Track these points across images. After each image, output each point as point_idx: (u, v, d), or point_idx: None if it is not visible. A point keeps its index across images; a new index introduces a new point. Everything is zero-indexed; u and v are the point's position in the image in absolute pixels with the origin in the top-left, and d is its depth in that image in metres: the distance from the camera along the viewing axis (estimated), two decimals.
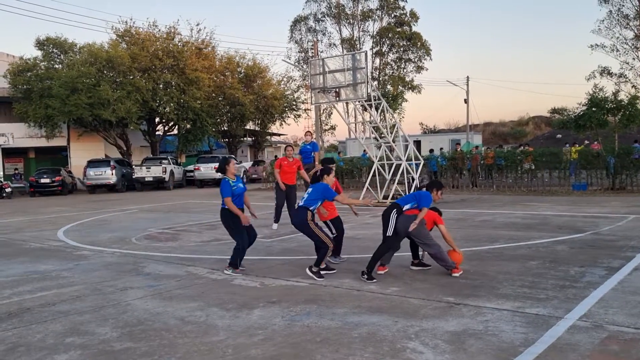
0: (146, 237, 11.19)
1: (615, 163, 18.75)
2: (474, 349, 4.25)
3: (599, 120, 22.07)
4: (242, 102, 36.37)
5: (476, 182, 22.29)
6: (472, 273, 6.84)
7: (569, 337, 4.45)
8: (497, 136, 59.76)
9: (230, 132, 40.45)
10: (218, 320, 5.23)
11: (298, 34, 51.93)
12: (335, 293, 6.13)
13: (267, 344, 4.51)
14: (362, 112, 18.22)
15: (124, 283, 6.94)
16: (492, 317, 5.02)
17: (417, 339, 4.49)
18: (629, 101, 22.71)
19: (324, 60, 16.54)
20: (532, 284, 6.23)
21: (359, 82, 15.44)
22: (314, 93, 16.74)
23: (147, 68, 31.86)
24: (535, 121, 64.07)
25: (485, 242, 9.12)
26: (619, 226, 10.56)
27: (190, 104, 32.54)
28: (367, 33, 51.45)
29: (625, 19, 47.66)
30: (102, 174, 28.16)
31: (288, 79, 43.42)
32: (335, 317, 5.20)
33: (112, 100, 28.89)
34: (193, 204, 19.20)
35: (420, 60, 50.69)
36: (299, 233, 10.88)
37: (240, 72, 39.29)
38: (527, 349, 4.19)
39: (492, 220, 12.07)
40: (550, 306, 5.31)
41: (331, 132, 53.82)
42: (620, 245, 8.46)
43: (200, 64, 33.42)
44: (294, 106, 42.70)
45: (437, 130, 62.72)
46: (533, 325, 4.74)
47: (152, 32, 33.60)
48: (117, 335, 4.85)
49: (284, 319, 5.18)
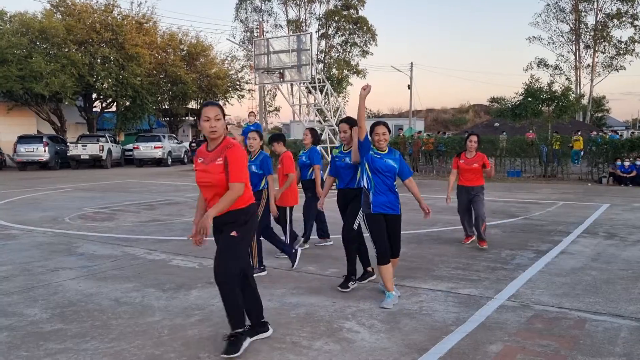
0: (81, 216, 10.83)
1: (547, 152, 19.57)
2: (408, 328, 4.37)
3: (534, 110, 22.93)
4: (185, 80, 35.56)
5: (417, 167, 22.76)
6: (410, 255, 7.01)
7: (497, 316, 4.64)
8: (439, 123, 61.16)
9: (172, 110, 39.52)
10: (154, 301, 5.14)
11: (244, 13, 51.15)
12: (274, 274, 6.14)
13: (204, 324, 4.48)
14: (306, 94, 18.20)
15: (55, 263, 6.69)
16: (426, 298, 5.17)
17: (354, 319, 4.57)
18: (563, 92, 23.68)
19: (268, 40, 16.38)
20: (466, 266, 6.45)
21: (304, 64, 15.41)
22: (258, 73, 16.58)
23: (84, 41, 30.56)
24: (475, 109, 65.94)
25: (424, 226, 9.35)
26: (549, 212, 11.06)
27: (129, 81, 31.49)
28: (314, 15, 51.28)
29: (562, 13, 49.57)
30: (33, 150, 26.92)
31: (232, 59, 42.81)
32: (274, 297, 5.21)
33: (45, 74, 27.53)
34: (131, 184, 18.69)
35: (366, 45, 50.98)
36: None
37: (183, 50, 38.35)
38: (458, 327, 4.35)
39: (431, 204, 12.25)
40: (482, 287, 5.52)
41: (275, 113, 53.53)
42: (549, 230, 8.87)
43: (141, 39, 32.35)
44: (238, 86, 42.13)
45: (380, 115, 63.48)
46: (465, 305, 4.92)
47: (89, 3, 32.19)
48: (47, 317, 4.69)
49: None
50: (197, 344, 4.08)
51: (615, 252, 7.15)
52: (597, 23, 48.38)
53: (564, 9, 49.36)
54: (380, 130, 4.98)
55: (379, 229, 4.90)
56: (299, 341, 4.12)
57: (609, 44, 48.44)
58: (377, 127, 4.99)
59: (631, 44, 47.44)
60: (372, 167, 4.93)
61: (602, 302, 5.00)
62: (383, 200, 4.95)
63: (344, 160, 5.54)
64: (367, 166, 4.95)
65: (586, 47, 49.66)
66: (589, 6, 48.81)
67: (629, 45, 47.53)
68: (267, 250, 6.88)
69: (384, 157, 4.97)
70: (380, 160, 4.94)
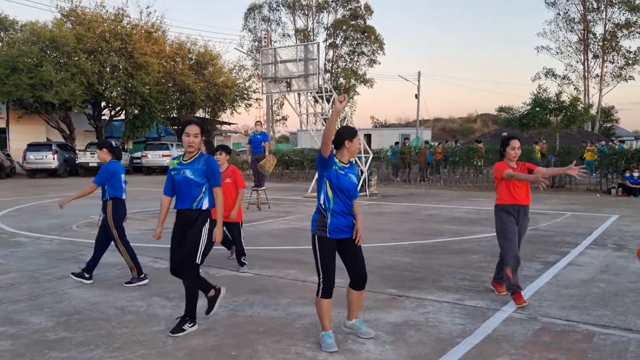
0: (87, 224, 10.86)
1: (555, 162, 19.47)
2: (413, 339, 4.33)
3: (542, 120, 22.82)
4: (193, 89, 35.67)
5: (424, 177, 22.69)
6: (416, 266, 6.97)
7: (504, 328, 4.59)
8: (447, 132, 61.04)
9: (180, 119, 39.58)
10: (159, 309, 5.13)
11: (252, 23, 51.45)
12: (280, 284, 6.12)
13: (209, 334, 4.46)
14: (313, 104, 18.22)
15: (62, 271, 6.71)
16: (432, 309, 5.13)
17: None
18: (571, 102, 23.58)
19: (276, 49, 16.43)
20: (473, 277, 6.40)
21: (311, 73, 15.43)
22: (265, 83, 16.62)
23: (94, 50, 30.77)
24: (483, 119, 65.81)
25: (430, 236, 9.31)
26: (557, 223, 10.99)
27: (138, 89, 31.65)
28: (322, 25, 51.50)
29: (571, 23, 49.47)
30: (43, 158, 27.06)
31: (240, 68, 42.89)
32: (279, 307, 5.19)
33: (55, 82, 27.73)
34: (139, 192, 18.74)
35: (374, 54, 51.06)
36: (245, 223, 10.80)
37: (191, 59, 38.49)
38: (464, 339, 4.31)
39: (438, 214, 12.33)
40: (488, 298, 5.47)
41: (282, 122, 53.65)
42: (557, 241, 8.80)
43: (150, 48, 32.55)
44: (246, 95, 42.19)
45: (387, 124, 63.46)
46: (471, 317, 4.88)
47: (99, 13, 32.43)
48: (52, 325, 4.69)
49: (227, 309, 5.13)
50: (202, 354, 4.07)
51: (624, 264, 7.08)
52: (605, 33, 48.20)
53: (573, 19, 49.27)
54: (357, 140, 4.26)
55: (331, 257, 4.19)
56: (304, 352, 4.09)
57: (618, 54, 48.20)
58: (355, 139, 4.24)
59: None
60: (335, 185, 4.17)
61: (610, 315, 4.94)
62: (343, 222, 4.19)
63: (182, 173, 4.53)
64: (329, 184, 4.19)
65: (595, 57, 49.44)
66: (598, 16, 48.67)
67: (638, 55, 47.32)
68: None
69: (347, 172, 4.22)
70: (344, 177, 4.18)
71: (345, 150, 4.22)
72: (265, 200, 13.55)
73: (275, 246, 8.51)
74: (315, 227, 4.22)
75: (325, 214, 4.20)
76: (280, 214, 12.30)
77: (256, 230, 10.10)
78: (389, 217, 11.98)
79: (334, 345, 4.11)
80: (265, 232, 9.88)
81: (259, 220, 11.32)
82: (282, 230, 10.17)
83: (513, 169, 5.45)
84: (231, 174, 6.74)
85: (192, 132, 4.48)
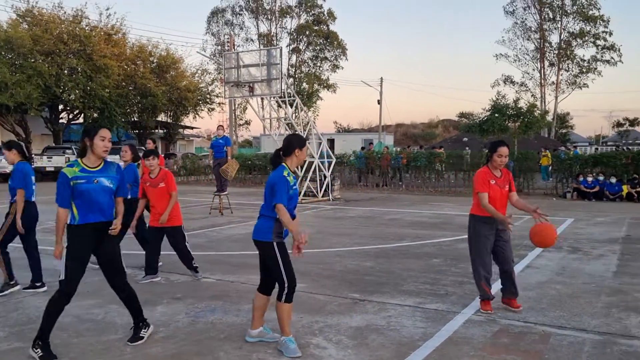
0: (43, 230, 10.50)
1: (514, 167, 19.92)
2: (375, 343, 4.35)
3: (501, 125, 23.39)
4: (154, 92, 35.15)
5: (387, 182, 22.88)
6: (378, 270, 7.01)
7: (464, 330, 4.66)
8: (409, 137, 61.87)
9: (141, 123, 38.99)
10: (117, 318, 5.01)
11: (215, 27, 51.19)
12: (242, 289, 6.07)
13: (169, 342, 4.38)
14: (276, 108, 18.18)
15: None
16: (394, 313, 5.16)
17: (321, 335, 4.53)
18: (528, 109, 24.24)
19: (238, 54, 16.37)
20: (434, 280, 6.48)
21: (274, 78, 15.42)
22: (228, 87, 16.51)
23: (51, 52, 29.99)
24: (444, 124, 67.00)
25: (392, 240, 9.38)
26: (516, 226, 11.15)
27: (97, 92, 30.99)
28: (285, 30, 51.59)
29: (528, 32, 50.88)
30: None
31: (203, 72, 42.53)
32: (241, 313, 5.14)
33: (10, 84, 26.89)
34: None
35: (336, 60, 51.48)
36: (207, 228, 10.70)
37: (153, 62, 37.94)
38: (425, 342, 4.35)
39: (400, 218, 12.44)
40: (449, 302, 5.54)
41: (246, 127, 53.43)
42: (515, 244, 8.94)
43: (110, 50, 31.92)
44: (208, 99, 41.85)
45: (350, 129, 63.86)
46: (432, 320, 4.93)
47: (57, 14, 31.66)
48: (5, 335, 4.53)
49: (187, 316, 5.06)
50: None
51: (579, 266, 7.29)
52: (561, 42, 49.75)
53: (530, 28, 50.68)
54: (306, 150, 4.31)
55: (290, 261, 4.18)
56: (266, 357, 4.06)
57: (573, 62, 49.82)
58: (304, 148, 4.27)
59: (593, 63, 48.90)
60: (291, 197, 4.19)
61: (566, 316, 5.07)
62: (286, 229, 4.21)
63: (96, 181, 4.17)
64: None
65: (551, 65, 50.96)
66: (554, 25, 50.23)
67: (591, 64, 48.98)
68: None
69: (295, 183, 4.23)
70: (295, 191, 4.23)
71: (295, 159, 4.27)
72: (228, 205, 13.43)
73: (237, 251, 8.44)
74: (272, 235, 4.17)
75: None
76: (243, 219, 12.21)
77: (218, 236, 9.99)
78: (351, 221, 12.03)
79: (298, 351, 4.10)
80: (227, 237, 9.79)
81: (222, 225, 11.21)
82: (245, 235, 10.09)
83: (496, 178, 5.23)
84: (164, 178, 6.54)
85: (108, 136, 4.25)
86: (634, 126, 71.63)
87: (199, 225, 11.13)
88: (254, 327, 4.39)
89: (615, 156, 18.67)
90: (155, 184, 6.47)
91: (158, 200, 6.49)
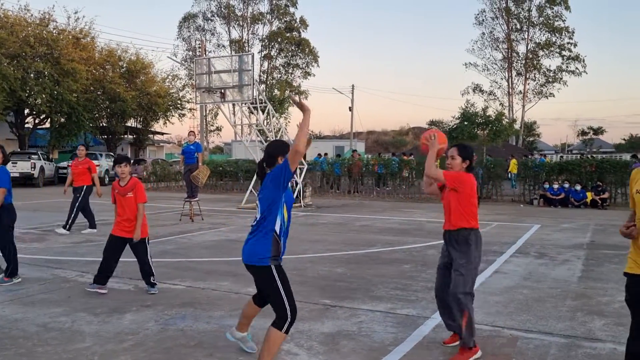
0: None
1: (482, 174, 20.26)
2: (346, 349, 4.37)
3: (470, 133, 23.77)
4: (124, 98, 34.68)
5: (357, 189, 22.98)
6: (349, 276, 7.04)
7: (434, 335, 4.72)
8: (380, 144, 62.21)
9: (110, 128, 38.40)
10: (85, 326, 4.92)
11: (186, 32, 50.87)
12: (212, 296, 6.02)
13: (138, 350, 4.32)
14: (248, 114, 18.14)
15: None
16: (365, 319, 5.19)
17: (293, 341, 4.53)
18: (496, 117, 24.69)
19: (210, 59, 16.30)
20: (405, 286, 6.54)
21: (246, 84, 15.40)
22: (199, 93, 16.43)
23: (16, 55, 29.32)
24: (415, 131, 67.52)
25: (363, 246, 9.43)
26: (484, 232, 11.32)
27: (65, 97, 30.40)
28: (257, 36, 51.57)
29: (496, 42, 51.95)
30: None
31: (173, 77, 42.16)
32: (212, 320, 5.11)
33: None
34: (64, 203, 17.91)
35: (308, 67, 51.65)
36: (177, 235, 10.59)
37: (122, 67, 37.47)
38: (396, 347, 4.39)
39: (371, 225, 12.52)
40: (419, 307, 5.61)
41: (217, 133, 53.07)
42: (484, 250, 9.05)
43: (78, 54, 31.38)
44: (179, 105, 41.49)
45: (322, 136, 63.98)
46: (403, 325, 4.98)
47: (23, 17, 31.03)
48: None
49: (157, 323, 5.00)
50: None
51: (545, 272, 7.44)
52: (527, 52, 50.90)
53: (498, 38, 51.75)
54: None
55: (290, 284, 3.72)
56: None
57: (539, 72, 51.02)
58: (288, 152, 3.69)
59: (559, 73, 50.17)
60: (288, 203, 3.75)
61: (533, 320, 5.17)
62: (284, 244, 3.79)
63: None
64: (286, 205, 3.71)
65: (518, 74, 52.07)
66: (521, 36, 51.39)
67: (557, 74, 50.25)
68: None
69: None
70: (289, 190, 3.78)
71: None
72: (198, 212, 13.32)
73: (208, 257, 8.38)
74: (269, 259, 3.63)
75: (279, 240, 3.68)
76: (214, 226, 12.12)
77: (189, 242, 9.90)
78: (323, 227, 12.06)
79: None
80: (198, 244, 9.71)
81: (192, 232, 11.11)
82: (216, 241, 10.03)
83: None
84: (133, 187, 6.20)
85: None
86: (597, 135, 73.66)
87: (169, 232, 11.02)
88: (239, 330, 4.25)
89: (580, 164, 19.15)
90: (123, 193, 6.22)
91: (125, 209, 6.24)
